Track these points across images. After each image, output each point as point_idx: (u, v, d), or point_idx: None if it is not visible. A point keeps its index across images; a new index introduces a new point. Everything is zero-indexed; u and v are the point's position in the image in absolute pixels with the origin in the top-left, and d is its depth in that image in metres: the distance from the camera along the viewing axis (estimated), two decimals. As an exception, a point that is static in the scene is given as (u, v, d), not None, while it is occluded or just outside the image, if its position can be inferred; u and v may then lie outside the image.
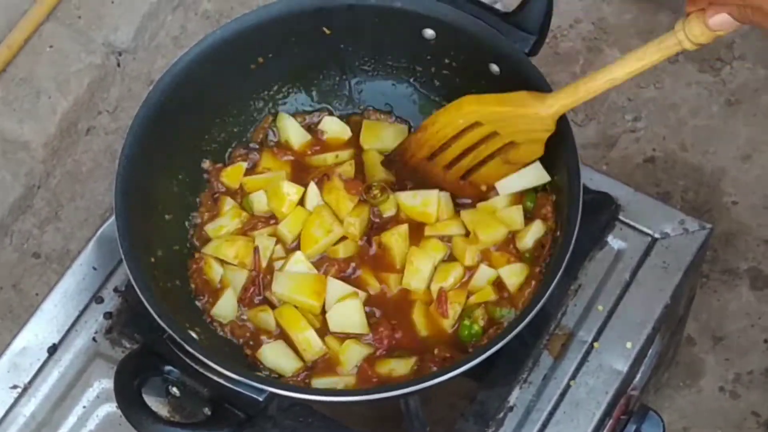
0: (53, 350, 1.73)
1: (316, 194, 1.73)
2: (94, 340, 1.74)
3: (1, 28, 2.52)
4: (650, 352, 1.75)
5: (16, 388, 1.72)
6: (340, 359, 1.64)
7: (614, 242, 1.76)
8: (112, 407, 1.70)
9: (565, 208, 1.60)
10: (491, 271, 1.66)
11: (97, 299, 1.76)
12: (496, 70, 1.69)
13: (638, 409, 1.72)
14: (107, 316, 1.75)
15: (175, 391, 1.59)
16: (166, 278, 1.66)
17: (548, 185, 1.69)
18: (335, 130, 1.81)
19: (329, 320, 1.65)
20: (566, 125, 1.62)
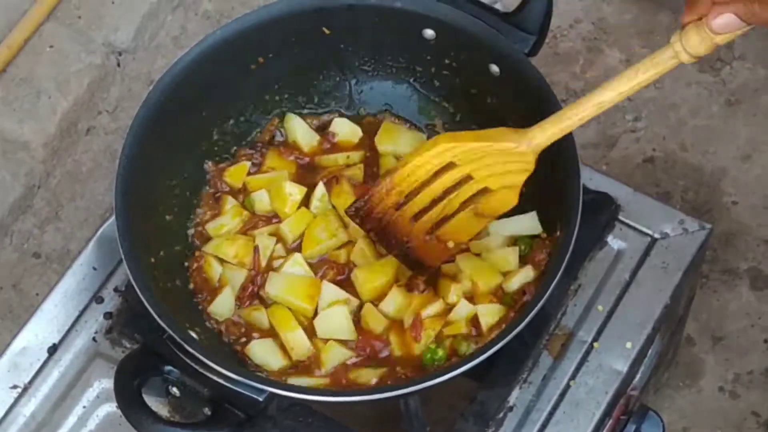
0: (53, 350, 1.73)
1: (323, 194, 1.73)
2: (94, 340, 1.74)
3: (1, 28, 2.52)
4: (650, 352, 1.75)
5: (16, 388, 1.72)
6: (321, 359, 1.64)
7: (614, 242, 1.76)
8: (112, 407, 1.70)
9: (563, 213, 1.59)
10: (471, 307, 1.64)
11: (97, 299, 1.76)
12: (495, 70, 1.69)
13: (638, 409, 1.72)
14: (107, 316, 1.75)
15: (175, 391, 1.59)
16: (166, 278, 1.66)
17: (546, 235, 1.67)
18: (346, 132, 1.81)
19: (317, 326, 1.65)
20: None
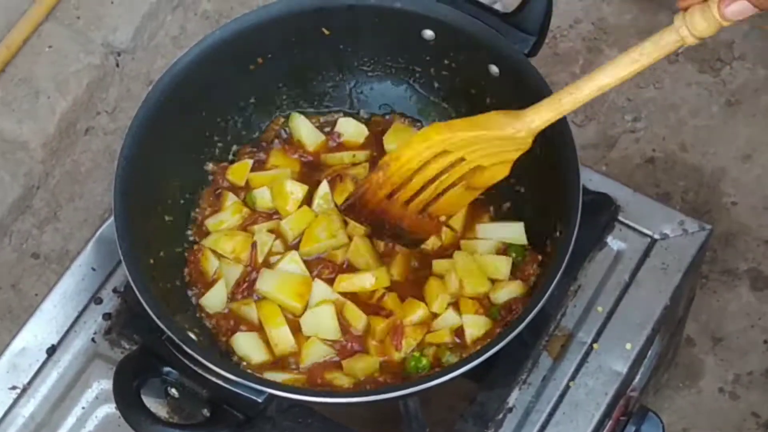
0: (52, 351, 1.73)
1: (326, 193, 1.73)
2: (93, 340, 1.74)
3: (0, 28, 2.52)
4: (650, 353, 1.75)
5: (15, 388, 1.72)
6: (301, 354, 1.64)
7: (614, 243, 1.76)
8: (111, 408, 1.69)
9: (563, 214, 1.59)
10: (456, 318, 1.64)
11: (96, 300, 1.76)
12: (495, 70, 1.68)
13: (638, 410, 1.72)
14: (106, 316, 1.75)
15: (173, 392, 1.59)
16: (165, 279, 1.66)
17: (538, 250, 1.67)
18: (351, 131, 1.80)
19: (303, 324, 1.65)
20: (565, 125, 1.61)
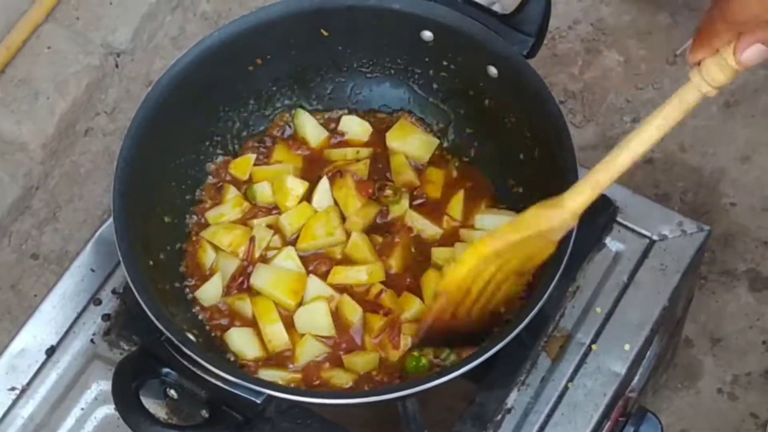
0: (51, 352, 1.73)
1: (326, 190, 1.73)
2: (92, 341, 1.74)
3: (-1, 29, 2.52)
4: (648, 353, 1.75)
5: (14, 389, 1.72)
6: (296, 352, 1.64)
7: (612, 244, 1.76)
8: (110, 409, 1.69)
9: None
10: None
11: (95, 301, 1.76)
12: (494, 72, 1.68)
13: (636, 411, 1.72)
14: (105, 317, 1.75)
15: (172, 393, 1.59)
16: (164, 280, 1.66)
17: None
18: (355, 129, 1.80)
19: (296, 321, 1.65)
20: (564, 126, 1.62)
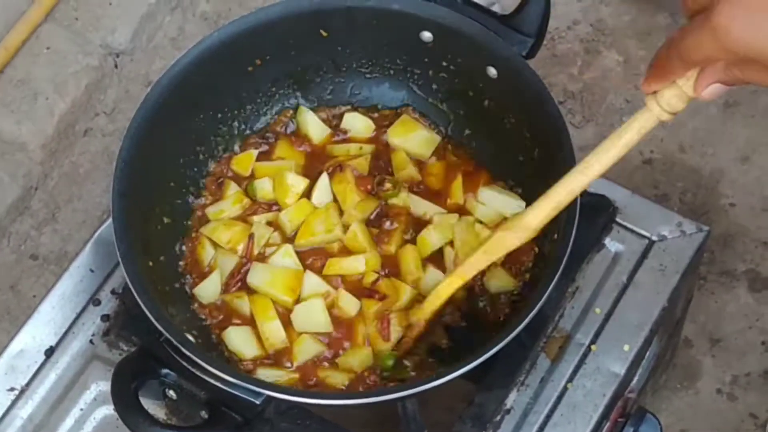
0: (50, 352, 1.73)
1: (326, 186, 1.73)
2: (91, 342, 1.74)
3: (-2, 29, 2.52)
4: (648, 354, 1.75)
5: (13, 390, 1.72)
6: (293, 352, 1.64)
7: (612, 245, 1.76)
8: (109, 410, 1.69)
9: (561, 216, 1.58)
10: (438, 275, 1.64)
11: (94, 301, 1.76)
12: (493, 72, 1.68)
13: (635, 411, 1.72)
14: (104, 318, 1.75)
15: (172, 394, 1.59)
16: (163, 281, 1.66)
17: (536, 244, 1.65)
18: (358, 127, 1.80)
19: (293, 319, 1.65)
20: (563, 127, 1.61)
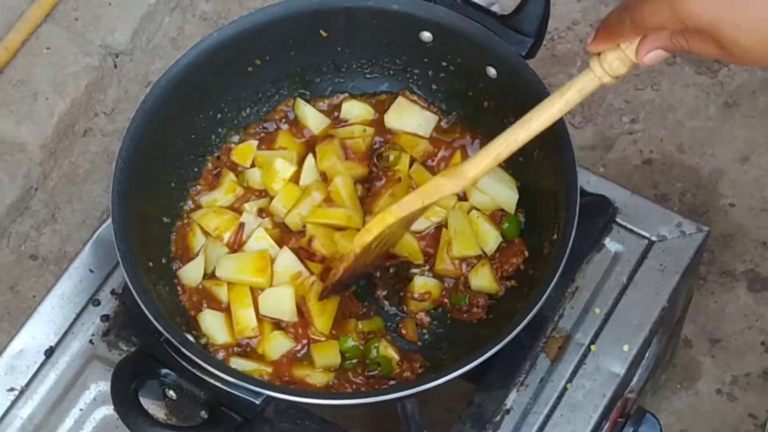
0: (50, 353, 1.73)
1: (312, 167, 1.73)
2: (91, 342, 1.74)
3: (-2, 29, 2.52)
4: (647, 354, 1.75)
5: (12, 390, 1.72)
6: (264, 348, 1.64)
7: (611, 245, 1.76)
8: (108, 410, 1.69)
9: (561, 216, 1.59)
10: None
11: (94, 302, 1.76)
12: (493, 73, 1.69)
13: (635, 411, 1.72)
14: (104, 318, 1.75)
15: (171, 394, 1.59)
16: (163, 281, 1.66)
17: (531, 247, 1.68)
18: (357, 114, 1.80)
19: (261, 302, 1.65)
20: (563, 127, 1.62)
